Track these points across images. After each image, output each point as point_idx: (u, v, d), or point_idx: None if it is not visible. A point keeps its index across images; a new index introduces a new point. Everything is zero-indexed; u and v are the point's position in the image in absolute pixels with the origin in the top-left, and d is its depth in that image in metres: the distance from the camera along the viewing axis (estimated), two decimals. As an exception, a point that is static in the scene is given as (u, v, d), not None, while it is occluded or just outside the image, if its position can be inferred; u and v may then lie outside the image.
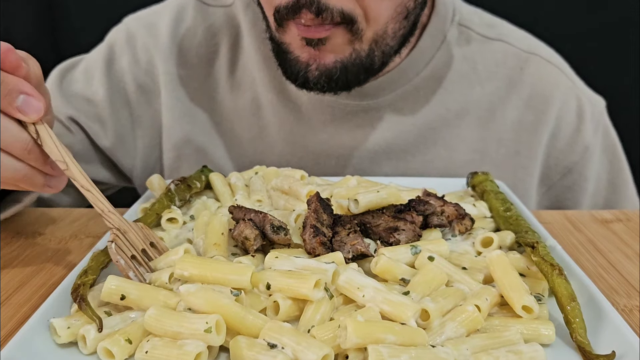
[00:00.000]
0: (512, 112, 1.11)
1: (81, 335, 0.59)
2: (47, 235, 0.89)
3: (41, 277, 0.78)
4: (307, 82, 0.92)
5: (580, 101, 1.13)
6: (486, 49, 1.11)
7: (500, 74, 1.11)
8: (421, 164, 1.10)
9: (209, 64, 1.15)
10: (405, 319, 0.58)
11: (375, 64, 0.94)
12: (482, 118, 1.11)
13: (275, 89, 1.11)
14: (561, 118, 1.12)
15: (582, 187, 1.15)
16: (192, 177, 0.92)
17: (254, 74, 1.12)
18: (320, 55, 0.90)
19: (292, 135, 1.12)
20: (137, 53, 1.15)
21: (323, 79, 0.91)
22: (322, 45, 0.88)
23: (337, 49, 0.90)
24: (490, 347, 0.57)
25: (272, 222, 0.71)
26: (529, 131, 1.11)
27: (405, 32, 0.95)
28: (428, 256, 0.68)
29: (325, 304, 0.61)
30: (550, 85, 1.11)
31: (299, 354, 0.54)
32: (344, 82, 0.93)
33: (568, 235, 0.90)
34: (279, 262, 0.66)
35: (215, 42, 1.15)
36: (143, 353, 0.56)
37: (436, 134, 1.10)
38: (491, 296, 0.63)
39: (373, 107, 1.08)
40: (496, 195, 0.87)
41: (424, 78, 1.08)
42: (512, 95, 1.11)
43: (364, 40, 0.89)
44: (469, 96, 1.10)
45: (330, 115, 1.09)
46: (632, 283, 0.76)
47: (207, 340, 0.55)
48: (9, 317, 0.68)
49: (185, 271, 0.64)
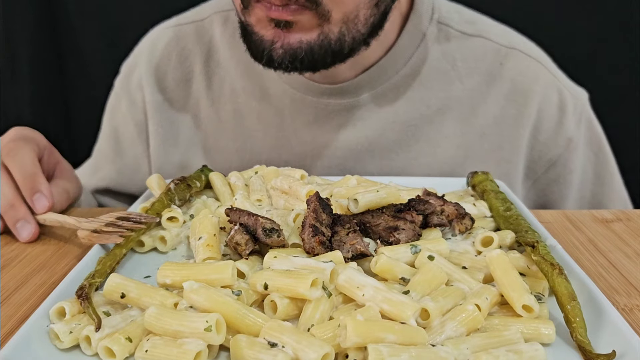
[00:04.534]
0: (493, 107, 1.12)
1: (84, 337, 0.58)
2: (47, 235, 0.89)
3: (41, 277, 0.78)
4: (272, 60, 0.92)
5: (562, 94, 1.14)
6: (465, 46, 1.12)
7: (480, 70, 1.12)
8: (405, 161, 1.11)
9: (187, 84, 1.18)
10: (405, 318, 0.58)
11: (345, 49, 0.94)
12: (463, 114, 1.12)
13: (256, 97, 1.13)
14: (542, 111, 1.13)
15: (567, 180, 1.16)
16: (191, 176, 0.92)
17: (233, 85, 1.14)
18: (285, 34, 0.90)
19: (277, 140, 1.13)
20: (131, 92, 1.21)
21: (287, 58, 0.91)
22: (289, 27, 0.89)
23: (304, 30, 0.90)
24: (490, 346, 0.57)
25: (263, 225, 0.71)
26: (511, 125, 1.12)
27: (375, 20, 0.95)
28: (428, 255, 0.68)
29: (324, 302, 0.60)
30: (530, 79, 1.12)
31: (300, 352, 0.53)
32: (309, 63, 0.92)
33: (568, 234, 0.90)
34: (277, 262, 0.66)
35: (189, 62, 1.18)
36: (143, 352, 0.56)
37: (418, 131, 1.11)
38: (491, 295, 0.63)
39: (354, 106, 1.10)
40: (496, 195, 0.87)
41: (403, 76, 1.09)
42: (493, 90, 1.12)
43: (332, 22, 0.89)
44: (450, 92, 1.11)
45: (313, 116, 1.11)
46: (632, 282, 0.76)
47: (207, 339, 0.55)
48: (8, 317, 0.68)
49: (167, 278, 0.65)
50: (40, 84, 1.83)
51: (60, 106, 1.92)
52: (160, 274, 0.66)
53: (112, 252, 0.73)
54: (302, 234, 0.71)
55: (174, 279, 0.65)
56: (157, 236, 0.79)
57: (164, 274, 0.66)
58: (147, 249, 0.79)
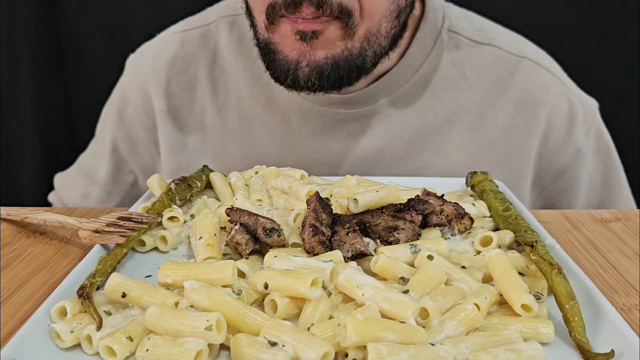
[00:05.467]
0: (502, 116, 1.11)
1: (85, 336, 0.59)
2: (49, 234, 0.89)
3: (42, 276, 0.78)
4: (297, 80, 0.91)
5: (572, 103, 1.13)
6: (475, 54, 1.11)
7: (489, 79, 1.11)
8: (413, 170, 1.10)
9: (192, 90, 1.16)
10: (404, 317, 0.58)
11: (367, 64, 0.94)
12: (472, 123, 1.11)
13: (263, 104, 1.12)
14: (552, 120, 1.12)
15: (575, 189, 1.15)
16: (192, 176, 0.92)
17: (239, 91, 1.13)
18: (311, 51, 0.90)
19: (283, 147, 1.12)
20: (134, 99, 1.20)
21: (314, 76, 0.90)
22: (315, 39, 0.88)
23: (329, 45, 0.90)
24: (489, 345, 0.57)
25: (264, 225, 0.71)
26: (520, 135, 1.11)
27: (396, 32, 0.96)
28: (427, 255, 0.68)
29: (323, 302, 0.61)
30: (541, 88, 1.12)
31: (300, 351, 0.54)
32: (335, 80, 0.92)
33: (567, 234, 0.90)
34: (277, 261, 0.66)
35: (194, 67, 1.16)
36: (144, 351, 0.56)
37: (427, 140, 1.10)
38: (490, 295, 0.64)
39: (363, 115, 1.09)
40: (495, 195, 0.87)
41: (413, 84, 1.08)
42: (502, 100, 1.11)
43: (355, 37, 0.89)
44: (459, 101, 1.10)
45: (321, 125, 1.10)
46: (631, 282, 0.76)
47: (208, 338, 0.55)
48: (10, 316, 0.69)
49: (167, 278, 0.65)
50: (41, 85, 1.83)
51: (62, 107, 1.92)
52: (161, 273, 0.66)
53: (113, 252, 0.73)
54: (302, 233, 0.72)
55: (174, 278, 0.65)
56: (158, 236, 0.80)
57: (164, 273, 0.66)
58: (148, 249, 0.79)
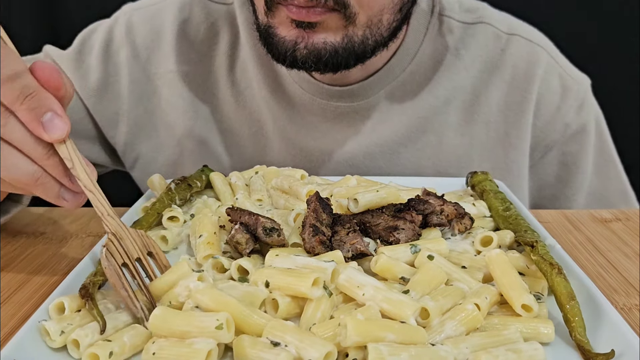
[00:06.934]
0: (496, 94, 1.12)
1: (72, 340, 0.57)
2: (48, 234, 0.90)
3: (42, 276, 0.78)
4: (295, 60, 0.91)
5: (563, 79, 1.14)
6: (467, 34, 1.12)
7: (482, 57, 1.12)
8: (413, 153, 1.12)
9: (210, 61, 1.15)
10: (404, 317, 0.58)
11: (368, 53, 0.94)
12: (466, 102, 1.12)
13: (269, 87, 1.11)
14: (542, 95, 1.13)
15: (567, 166, 1.16)
16: (192, 176, 0.92)
17: (251, 71, 1.13)
18: (309, 35, 0.89)
19: (286, 132, 1.13)
20: (137, 48, 1.15)
21: (311, 58, 0.90)
22: (312, 28, 0.88)
23: (327, 31, 0.89)
24: (489, 345, 0.57)
25: (264, 224, 0.71)
26: (515, 111, 1.12)
27: (397, 25, 0.96)
28: (427, 255, 0.68)
29: (325, 302, 0.61)
30: (532, 63, 1.12)
31: (302, 351, 0.54)
32: (333, 65, 0.92)
33: (567, 234, 0.91)
34: (279, 260, 0.66)
35: (217, 39, 1.15)
36: (150, 354, 0.55)
37: (426, 123, 1.12)
38: (490, 295, 0.64)
39: (363, 107, 1.10)
40: (495, 195, 0.87)
41: (410, 73, 1.10)
42: (495, 78, 1.12)
43: (357, 24, 0.89)
44: (455, 82, 1.11)
45: (322, 117, 1.11)
46: (631, 282, 0.76)
47: (218, 338, 0.55)
48: (10, 316, 0.69)
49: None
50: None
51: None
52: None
53: (113, 252, 0.72)
54: (303, 233, 0.72)
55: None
56: (158, 236, 0.80)
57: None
58: (148, 249, 0.79)
